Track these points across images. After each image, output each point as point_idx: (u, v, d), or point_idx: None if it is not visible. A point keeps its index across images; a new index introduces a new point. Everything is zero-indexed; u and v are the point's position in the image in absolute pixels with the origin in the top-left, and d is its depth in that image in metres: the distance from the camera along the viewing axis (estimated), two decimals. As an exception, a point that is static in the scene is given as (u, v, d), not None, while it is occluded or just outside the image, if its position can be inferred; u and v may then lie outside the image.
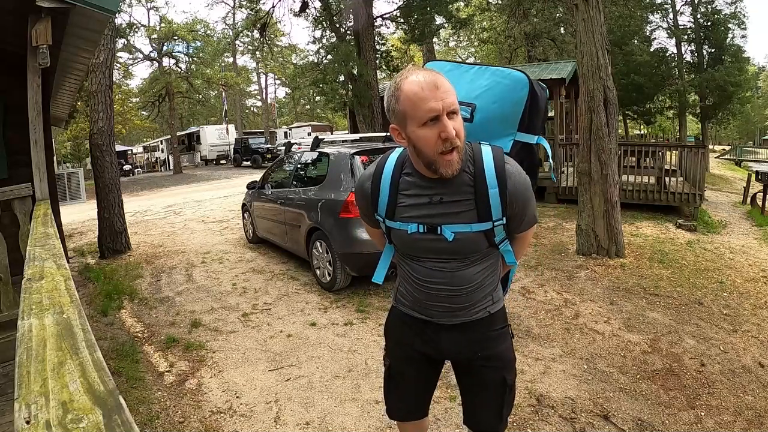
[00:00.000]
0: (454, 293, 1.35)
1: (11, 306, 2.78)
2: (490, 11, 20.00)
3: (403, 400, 1.62)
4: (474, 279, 1.35)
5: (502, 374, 1.45)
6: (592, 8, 5.31)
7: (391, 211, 1.33)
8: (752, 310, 4.05)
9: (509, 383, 1.46)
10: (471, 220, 1.26)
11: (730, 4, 19.84)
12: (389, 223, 1.35)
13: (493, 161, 1.26)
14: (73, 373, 0.89)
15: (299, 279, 5.10)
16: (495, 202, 1.25)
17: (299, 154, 5.86)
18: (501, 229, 1.30)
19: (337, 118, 39.71)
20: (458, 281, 1.34)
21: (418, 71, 1.19)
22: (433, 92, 1.14)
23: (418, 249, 1.35)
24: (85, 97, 10.96)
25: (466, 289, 1.35)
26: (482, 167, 1.25)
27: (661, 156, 8.55)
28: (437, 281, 1.35)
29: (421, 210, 1.30)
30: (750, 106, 35.17)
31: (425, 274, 1.37)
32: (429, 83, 1.15)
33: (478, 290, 1.36)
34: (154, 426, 2.61)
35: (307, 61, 16.03)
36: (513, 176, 1.26)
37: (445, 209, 1.27)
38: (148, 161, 34.89)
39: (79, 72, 5.09)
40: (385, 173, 1.35)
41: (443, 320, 1.40)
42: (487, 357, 1.43)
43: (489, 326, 1.42)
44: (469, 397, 1.54)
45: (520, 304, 4.14)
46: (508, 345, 1.47)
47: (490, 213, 1.25)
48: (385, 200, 1.34)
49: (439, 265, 1.34)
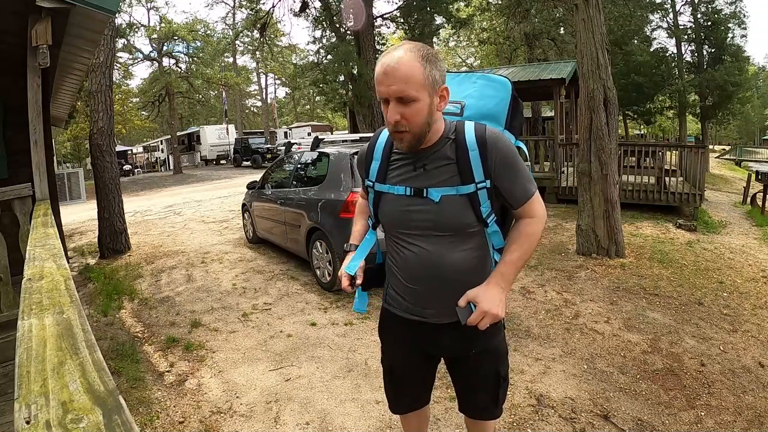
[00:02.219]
0: (445, 281, 1.35)
1: (11, 306, 2.78)
2: (490, 11, 19.99)
3: (404, 395, 1.67)
4: (464, 263, 1.34)
5: (496, 366, 1.51)
6: (592, 8, 5.31)
7: (382, 175, 1.40)
8: (752, 310, 4.05)
9: (503, 374, 1.52)
10: (455, 183, 1.30)
11: (730, 4, 19.86)
12: (379, 187, 1.40)
13: (474, 129, 1.32)
14: (73, 373, 0.89)
15: (299, 279, 5.10)
16: (476, 163, 1.28)
17: (299, 154, 5.86)
18: (486, 195, 1.30)
19: (337, 118, 39.74)
20: (448, 265, 1.33)
21: (391, 52, 1.25)
22: (382, 78, 1.22)
23: (405, 220, 1.36)
24: (85, 97, 10.97)
25: (457, 275, 1.34)
26: (463, 135, 1.31)
27: (661, 156, 8.55)
28: (427, 267, 1.35)
29: (409, 176, 1.36)
30: (750, 106, 35.17)
31: (414, 261, 1.37)
32: (383, 69, 1.22)
33: (468, 276, 1.34)
34: (154, 426, 2.61)
35: (307, 61, 16.02)
36: (493, 138, 1.30)
37: (429, 177, 1.33)
38: (148, 161, 34.89)
39: (79, 72, 5.09)
40: (378, 142, 1.45)
41: (437, 320, 1.42)
42: (481, 351, 1.48)
43: None
44: (464, 388, 1.59)
45: (520, 304, 4.14)
46: (501, 337, 1.52)
47: (472, 174, 1.28)
48: (377, 165, 1.41)
49: (428, 248, 1.34)
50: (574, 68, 8.88)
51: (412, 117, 1.23)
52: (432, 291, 1.38)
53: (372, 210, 1.47)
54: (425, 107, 1.23)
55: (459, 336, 1.43)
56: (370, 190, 1.44)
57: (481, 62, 28.64)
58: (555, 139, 9.38)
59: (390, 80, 1.20)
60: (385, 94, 1.23)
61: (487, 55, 25.96)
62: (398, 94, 1.21)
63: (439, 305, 1.39)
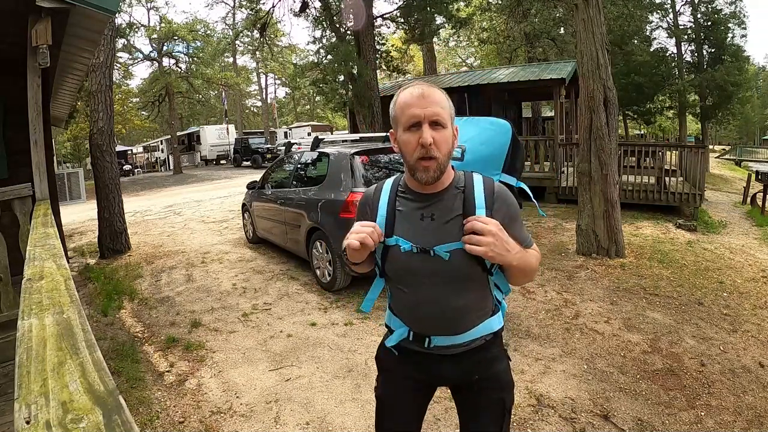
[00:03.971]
0: (448, 320, 1.35)
1: (11, 306, 2.78)
2: (490, 11, 19.98)
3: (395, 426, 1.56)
4: (467, 304, 1.34)
5: (501, 395, 1.45)
6: (592, 8, 5.31)
7: (389, 230, 1.35)
8: (752, 310, 4.05)
9: (507, 407, 1.46)
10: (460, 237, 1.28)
11: (730, 4, 19.86)
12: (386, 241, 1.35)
13: (482, 183, 1.32)
14: (73, 373, 0.89)
15: (299, 279, 5.10)
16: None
17: (299, 154, 5.86)
18: None
19: (337, 118, 39.71)
20: (451, 308, 1.33)
21: (419, 84, 1.27)
22: (419, 100, 1.22)
23: (411, 272, 1.34)
24: (85, 97, 10.95)
25: (460, 314, 1.34)
26: (472, 187, 1.31)
27: (661, 156, 8.55)
28: (430, 310, 1.34)
29: (415, 228, 1.32)
30: (750, 106, 35.20)
31: (417, 305, 1.36)
32: (418, 93, 1.23)
33: (470, 314, 1.36)
34: (154, 426, 2.61)
35: (307, 61, 16.00)
36: (501, 196, 1.32)
37: (436, 229, 1.30)
38: (148, 161, 34.88)
39: (79, 72, 5.09)
40: (382, 198, 1.41)
41: (442, 352, 1.40)
42: (485, 378, 1.44)
43: (486, 351, 1.43)
44: (467, 419, 1.53)
45: (520, 304, 4.14)
46: (505, 367, 1.47)
47: None
48: (384, 215, 1.37)
49: (432, 294, 1.33)
50: (574, 68, 8.88)
51: (441, 144, 1.23)
52: (436, 326, 1.37)
53: (379, 262, 1.42)
54: (450, 138, 1.25)
55: (461, 366, 1.42)
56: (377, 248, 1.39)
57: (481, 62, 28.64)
58: (555, 139, 9.38)
59: (427, 102, 1.21)
60: (420, 116, 1.21)
61: (487, 55, 25.96)
62: (434, 117, 1.21)
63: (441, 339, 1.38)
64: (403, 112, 1.24)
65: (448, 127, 1.24)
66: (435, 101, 1.22)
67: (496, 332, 1.44)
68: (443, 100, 1.25)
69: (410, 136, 1.23)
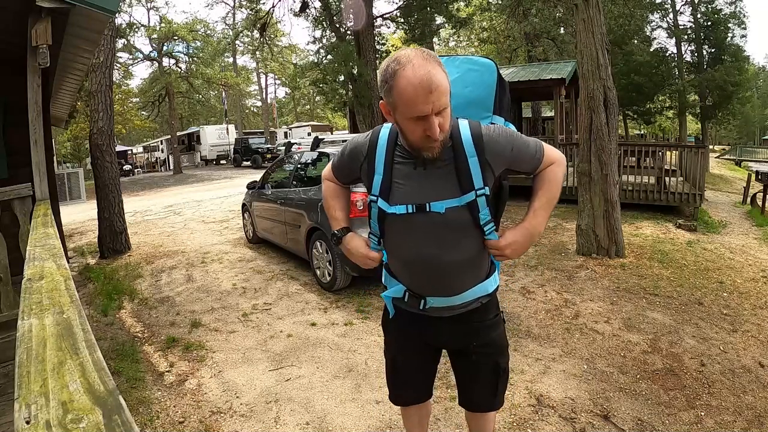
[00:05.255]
0: (445, 275, 1.37)
1: (11, 306, 2.78)
2: (490, 11, 19.98)
3: (407, 387, 1.69)
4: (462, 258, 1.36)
5: (496, 359, 1.54)
6: (592, 8, 5.31)
7: (386, 192, 1.35)
8: (752, 310, 4.04)
9: (503, 366, 1.56)
10: (454, 193, 1.29)
11: (730, 4, 19.87)
12: (381, 204, 1.36)
13: (469, 130, 1.31)
14: (73, 373, 0.89)
15: (299, 279, 5.10)
16: (476, 170, 1.29)
17: (299, 154, 5.86)
18: (484, 202, 1.31)
19: (337, 118, 39.72)
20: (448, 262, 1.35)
21: (414, 63, 1.17)
22: (426, 96, 1.16)
23: (407, 229, 1.35)
24: (85, 97, 10.97)
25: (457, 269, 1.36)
26: (459, 137, 1.30)
27: (661, 156, 8.55)
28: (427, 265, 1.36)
29: (410, 183, 1.33)
30: (750, 106, 35.19)
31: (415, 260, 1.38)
32: (424, 86, 1.15)
33: (467, 268, 1.38)
34: (154, 426, 2.61)
35: (307, 61, 16.01)
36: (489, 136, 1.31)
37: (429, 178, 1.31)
38: (148, 161, 34.88)
39: (79, 72, 5.08)
40: (378, 152, 1.38)
41: (437, 314, 1.45)
42: (482, 344, 1.52)
43: (483, 316, 1.49)
44: (464, 380, 1.63)
45: (520, 304, 4.14)
46: (501, 332, 1.56)
47: (471, 182, 1.29)
48: (380, 180, 1.36)
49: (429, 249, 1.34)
50: (574, 68, 8.88)
51: (445, 124, 1.23)
52: (432, 285, 1.40)
53: (377, 226, 1.42)
54: (450, 110, 1.25)
55: (459, 329, 1.48)
56: (373, 205, 1.40)
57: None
58: (555, 139, 9.39)
59: (435, 97, 1.17)
60: (428, 111, 1.18)
61: (487, 55, 25.96)
62: (439, 108, 1.20)
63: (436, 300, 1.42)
64: (407, 105, 1.19)
65: (448, 104, 1.23)
66: (440, 91, 1.18)
67: (491, 294, 1.49)
68: (444, 82, 1.19)
69: (414, 125, 1.22)
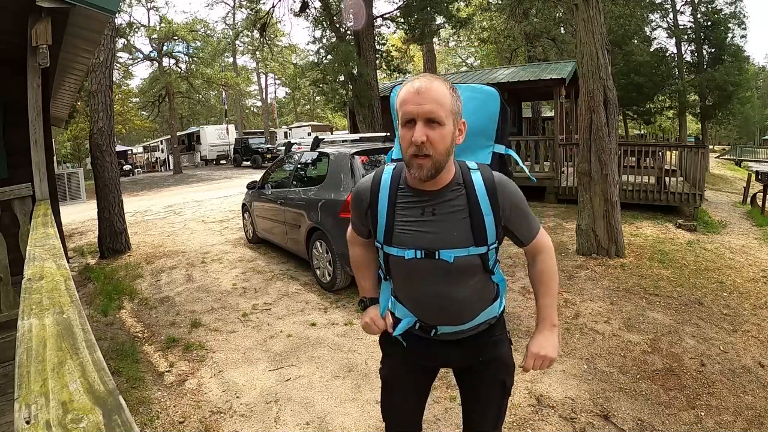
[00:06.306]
0: (451, 311, 1.36)
1: (11, 306, 2.78)
2: (490, 11, 19.98)
3: (401, 416, 1.61)
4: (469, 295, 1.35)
5: (502, 378, 1.49)
6: (592, 8, 5.31)
7: (389, 233, 1.33)
8: (752, 310, 4.04)
9: (507, 388, 1.50)
10: (465, 243, 1.28)
11: (730, 4, 19.85)
12: (387, 249, 1.34)
13: (481, 177, 1.30)
14: (73, 373, 0.89)
15: (299, 279, 5.10)
16: (491, 227, 1.28)
17: (299, 154, 5.86)
18: (494, 253, 1.34)
19: (337, 118, 39.71)
20: (454, 299, 1.34)
21: (421, 78, 1.23)
22: (413, 97, 1.18)
23: (415, 273, 1.34)
24: (85, 97, 10.96)
25: (463, 304, 1.36)
26: (472, 183, 1.29)
27: (661, 156, 8.55)
28: (434, 303, 1.35)
29: (418, 227, 1.30)
30: (750, 106, 35.18)
31: (421, 298, 1.37)
32: (415, 89, 1.19)
33: (474, 304, 1.37)
34: (154, 426, 2.61)
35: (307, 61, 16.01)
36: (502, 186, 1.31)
37: (438, 224, 1.28)
38: (148, 161, 34.87)
39: (79, 72, 5.08)
40: (383, 186, 1.36)
41: (447, 338, 1.42)
42: (487, 361, 1.47)
43: (489, 334, 1.46)
44: (469, 398, 1.57)
45: (520, 304, 4.14)
46: (507, 351, 1.50)
47: (486, 237, 1.28)
48: (383, 221, 1.33)
49: (436, 289, 1.33)
50: (574, 68, 8.88)
51: (437, 142, 1.19)
52: (442, 317, 1.38)
53: (383, 265, 1.42)
54: (449, 135, 1.21)
55: (466, 348, 1.44)
56: (379, 251, 1.39)
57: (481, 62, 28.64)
58: (555, 139, 9.37)
59: (422, 99, 1.17)
60: (414, 113, 1.18)
61: (487, 55, 25.97)
62: (428, 115, 1.17)
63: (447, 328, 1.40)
64: (401, 107, 1.21)
65: (446, 123, 1.19)
66: (432, 98, 1.17)
67: (499, 315, 1.47)
68: (443, 96, 1.19)
69: (405, 132, 1.21)
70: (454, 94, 1.23)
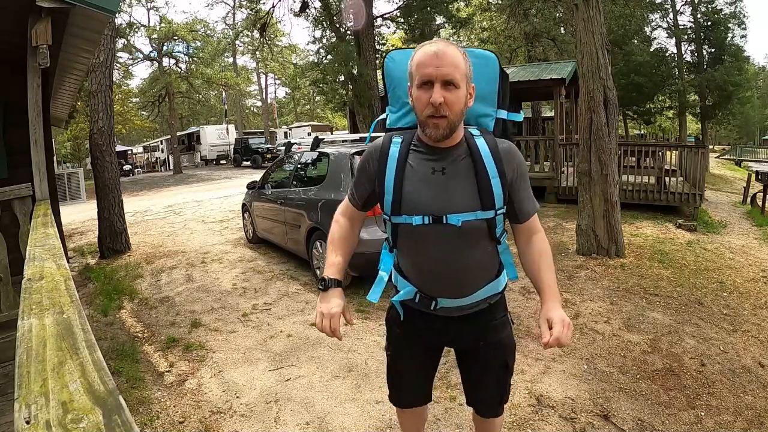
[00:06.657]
0: (457, 279, 1.38)
1: (11, 306, 2.78)
2: (490, 11, 19.98)
3: (407, 389, 1.68)
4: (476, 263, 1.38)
5: (504, 358, 1.54)
6: (592, 8, 5.31)
7: (397, 203, 1.34)
8: (752, 310, 4.05)
9: (510, 367, 1.57)
10: (473, 206, 1.30)
11: (730, 4, 19.88)
12: (395, 220, 1.36)
13: (486, 145, 1.33)
14: (73, 373, 0.89)
15: (299, 279, 5.10)
16: (498, 191, 1.31)
17: (299, 154, 5.86)
18: (502, 219, 1.37)
19: (337, 118, 39.71)
20: (460, 268, 1.36)
21: (437, 42, 1.27)
22: (432, 59, 1.22)
23: (421, 239, 1.35)
24: (85, 97, 10.96)
25: (469, 273, 1.38)
26: (477, 150, 1.32)
27: (661, 156, 8.55)
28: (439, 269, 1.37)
29: (426, 188, 1.32)
30: (750, 106, 35.18)
31: (427, 265, 1.39)
32: (433, 51, 1.22)
33: (479, 272, 1.39)
34: (154, 426, 2.61)
35: (307, 61, 16.02)
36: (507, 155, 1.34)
37: (447, 185, 1.31)
38: (148, 161, 34.87)
39: (79, 72, 5.09)
40: (393, 144, 1.39)
41: (448, 314, 1.45)
42: (490, 343, 1.52)
43: (490, 316, 1.49)
44: (471, 378, 1.62)
45: (520, 304, 4.14)
46: (509, 332, 1.55)
47: (494, 202, 1.31)
48: (391, 190, 1.34)
49: (442, 256, 1.35)
50: (574, 68, 8.88)
51: (453, 104, 1.23)
52: (444, 287, 1.40)
53: (390, 237, 1.43)
54: (463, 97, 1.26)
55: (467, 329, 1.48)
56: (387, 222, 1.41)
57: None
58: (555, 139, 9.37)
59: (440, 61, 1.21)
60: (433, 75, 1.21)
61: (487, 50, 25.91)
62: (447, 77, 1.21)
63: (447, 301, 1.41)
64: (418, 69, 1.24)
65: (461, 86, 1.24)
66: (449, 61, 1.22)
67: (500, 292, 1.49)
68: (458, 60, 1.24)
69: (422, 93, 1.24)
70: (466, 58, 1.27)
